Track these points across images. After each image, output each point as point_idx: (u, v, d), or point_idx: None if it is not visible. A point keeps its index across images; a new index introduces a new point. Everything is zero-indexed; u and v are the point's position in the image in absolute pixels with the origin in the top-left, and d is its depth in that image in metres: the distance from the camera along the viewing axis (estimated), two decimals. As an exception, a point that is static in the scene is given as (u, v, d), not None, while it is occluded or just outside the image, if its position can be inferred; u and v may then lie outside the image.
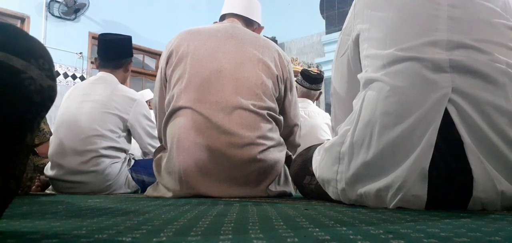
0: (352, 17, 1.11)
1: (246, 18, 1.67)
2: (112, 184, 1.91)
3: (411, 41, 0.92)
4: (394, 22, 0.96)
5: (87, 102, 1.93)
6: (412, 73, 0.89)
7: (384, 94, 0.90)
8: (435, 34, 0.90)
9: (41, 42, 0.54)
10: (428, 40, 0.90)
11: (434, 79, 0.87)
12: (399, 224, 0.59)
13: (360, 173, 0.92)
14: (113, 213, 0.81)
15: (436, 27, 0.91)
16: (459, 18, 0.91)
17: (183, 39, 1.53)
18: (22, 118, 0.48)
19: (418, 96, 0.87)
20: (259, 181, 1.44)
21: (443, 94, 0.85)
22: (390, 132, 0.87)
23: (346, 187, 0.95)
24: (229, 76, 1.44)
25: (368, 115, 0.92)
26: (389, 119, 0.88)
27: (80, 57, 5.16)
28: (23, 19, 4.80)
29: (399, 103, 0.88)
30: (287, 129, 1.63)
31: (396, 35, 0.95)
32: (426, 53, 0.89)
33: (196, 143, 1.38)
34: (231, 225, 0.60)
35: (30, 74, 0.48)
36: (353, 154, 0.94)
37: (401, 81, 0.89)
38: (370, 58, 0.99)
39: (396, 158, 0.86)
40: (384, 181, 0.87)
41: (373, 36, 1.00)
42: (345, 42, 1.15)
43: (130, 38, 2.21)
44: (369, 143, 0.90)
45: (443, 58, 0.88)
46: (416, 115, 0.85)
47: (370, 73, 0.97)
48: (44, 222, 0.65)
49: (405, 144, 0.86)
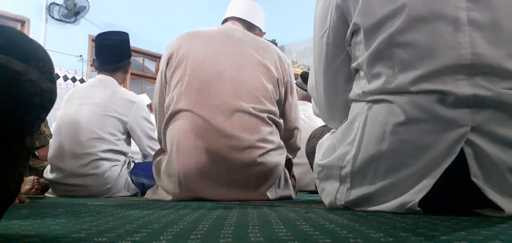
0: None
1: (248, 23, 1.67)
2: (111, 187, 1.91)
3: (426, 65, 0.78)
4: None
5: (86, 105, 1.93)
6: (428, 106, 0.78)
7: (392, 128, 0.81)
8: (457, 51, 0.77)
9: (41, 45, 0.54)
10: (451, 64, 0.77)
11: (452, 117, 0.76)
12: (400, 228, 0.59)
13: (362, 199, 0.89)
14: (113, 216, 0.81)
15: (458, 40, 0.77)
16: (481, 22, 0.78)
17: (183, 41, 1.53)
18: (22, 120, 0.48)
19: (431, 136, 0.77)
20: (259, 184, 1.44)
21: (461, 135, 0.76)
22: (396, 173, 0.81)
23: (345, 205, 0.94)
24: (229, 79, 1.44)
25: (373, 147, 0.83)
26: (396, 160, 0.81)
27: (80, 60, 5.16)
28: (23, 22, 4.81)
29: (409, 143, 0.79)
30: (287, 132, 1.63)
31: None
32: (446, 83, 0.77)
33: (196, 145, 1.38)
34: (231, 228, 0.60)
35: (30, 77, 0.48)
36: (355, 183, 0.89)
37: (415, 112, 0.78)
38: (371, 76, 0.88)
39: (395, 193, 0.83)
40: (386, 206, 0.84)
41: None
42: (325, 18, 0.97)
43: (127, 39, 2.17)
44: (373, 178, 0.85)
45: (466, 93, 0.76)
46: (425, 160, 0.78)
47: (372, 86, 0.87)
48: (43, 225, 0.65)
49: (406, 183, 0.81)
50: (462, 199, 0.81)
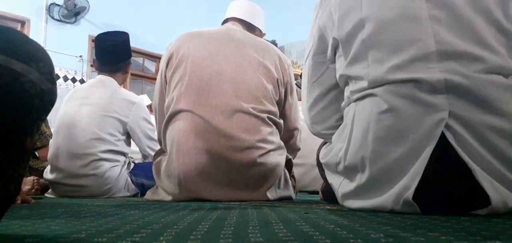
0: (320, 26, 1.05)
1: (248, 23, 1.68)
2: (111, 187, 1.91)
3: (397, 57, 0.85)
4: (370, 32, 0.90)
5: (86, 105, 1.93)
6: (406, 93, 0.83)
7: (376, 116, 0.86)
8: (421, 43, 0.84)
9: (41, 46, 0.54)
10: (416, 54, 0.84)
11: (430, 102, 0.81)
12: (400, 228, 0.59)
13: (356, 193, 0.93)
14: (113, 216, 0.81)
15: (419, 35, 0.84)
16: (442, 18, 0.85)
17: (183, 41, 1.53)
18: (22, 121, 0.48)
19: (411, 120, 0.82)
20: (259, 184, 1.44)
21: (440, 119, 0.80)
22: (382, 159, 0.85)
23: (342, 201, 1.00)
24: (229, 79, 1.44)
25: (360, 138, 0.89)
26: (381, 147, 0.85)
27: (80, 60, 5.17)
28: (23, 22, 4.81)
29: (391, 129, 0.84)
30: (287, 132, 1.63)
31: (380, 51, 0.89)
32: (419, 71, 0.83)
33: (196, 146, 1.38)
34: (231, 228, 0.60)
35: (30, 78, 0.48)
36: (349, 176, 0.96)
37: (396, 100, 0.84)
38: (353, 79, 0.95)
39: (387, 183, 0.85)
40: (377, 201, 0.87)
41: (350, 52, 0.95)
42: (322, 63, 1.10)
43: (127, 39, 2.17)
44: (362, 169, 0.89)
45: (438, 77, 0.81)
46: (408, 143, 0.82)
47: (356, 86, 0.94)
48: (43, 226, 0.65)
49: (395, 171, 0.84)
50: (455, 189, 0.82)
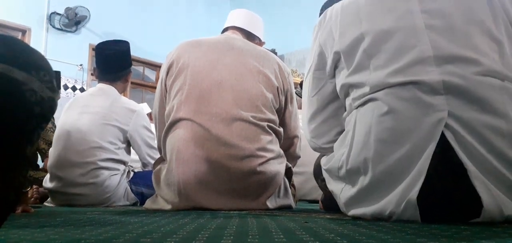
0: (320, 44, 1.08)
1: (248, 32, 1.68)
2: (111, 196, 1.90)
3: (397, 62, 0.88)
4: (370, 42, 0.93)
5: (86, 114, 1.93)
6: (407, 94, 0.85)
7: (377, 119, 0.87)
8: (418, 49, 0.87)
9: (42, 54, 0.54)
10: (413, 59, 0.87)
11: (430, 102, 0.83)
12: (400, 238, 0.58)
13: (359, 197, 0.93)
14: (112, 225, 0.81)
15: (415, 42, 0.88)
16: (438, 26, 0.88)
17: (183, 50, 1.53)
18: (22, 129, 0.48)
19: (412, 121, 0.83)
20: (259, 193, 1.43)
21: (439, 119, 0.81)
22: (384, 160, 0.85)
23: (345, 208, 0.99)
24: (229, 87, 1.44)
25: (362, 141, 0.90)
26: (383, 148, 0.86)
27: (81, 69, 5.18)
28: (24, 31, 4.83)
29: (392, 130, 0.85)
30: (287, 140, 1.63)
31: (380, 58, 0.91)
32: (418, 74, 0.85)
33: (195, 154, 1.38)
34: (230, 238, 0.60)
35: (31, 86, 0.48)
36: (352, 181, 0.95)
37: (396, 102, 0.86)
38: (355, 87, 0.96)
39: (389, 185, 0.86)
40: (378, 206, 0.87)
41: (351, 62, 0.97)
42: (321, 77, 1.11)
43: (127, 48, 2.17)
44: (365, 171, 0.89)
45: (436, 79, 0.84)
46: (409, 143, 0.83)
47: (357, 93, 0.95)
48: (42, 235, 0.65)
49: (397, 171, 0.84)
50: (454, 192, 0.82)
